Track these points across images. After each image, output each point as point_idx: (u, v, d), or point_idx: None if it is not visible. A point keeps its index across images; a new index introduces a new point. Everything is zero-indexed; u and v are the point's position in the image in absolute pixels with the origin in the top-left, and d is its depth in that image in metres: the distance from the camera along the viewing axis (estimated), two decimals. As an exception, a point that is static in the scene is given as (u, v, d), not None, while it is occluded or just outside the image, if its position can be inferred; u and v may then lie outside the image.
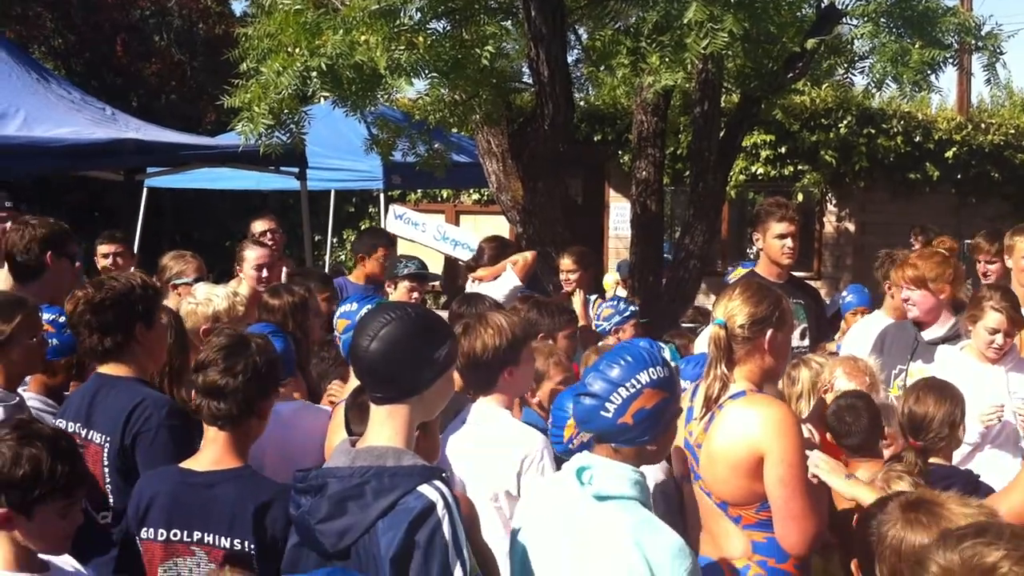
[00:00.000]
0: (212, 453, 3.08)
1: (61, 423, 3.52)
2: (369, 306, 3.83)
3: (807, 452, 3.33)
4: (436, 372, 2.58)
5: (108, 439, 3.43)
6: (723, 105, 8.09)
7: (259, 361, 3.10)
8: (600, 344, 5.29)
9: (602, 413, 2.77)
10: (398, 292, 6.58)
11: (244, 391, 3.04)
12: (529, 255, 6.98)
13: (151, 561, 3.04)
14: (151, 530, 3.04)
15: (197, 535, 2.99)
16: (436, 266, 9.83)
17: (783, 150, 12.62)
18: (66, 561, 2.77)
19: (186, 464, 3.12)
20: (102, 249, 6.70)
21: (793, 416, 3.32)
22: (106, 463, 3.45)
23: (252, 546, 2.95)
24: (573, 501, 2.78)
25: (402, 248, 13.06)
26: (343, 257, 15.15)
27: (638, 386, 2.77)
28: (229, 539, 2.96)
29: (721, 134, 7.79)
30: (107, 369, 3.64)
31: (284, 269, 6.73)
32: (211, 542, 2.98)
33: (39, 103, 7.68)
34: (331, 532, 2.48)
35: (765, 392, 3.43)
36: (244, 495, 2.99)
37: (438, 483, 2.48)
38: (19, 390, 3.97)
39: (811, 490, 3.25)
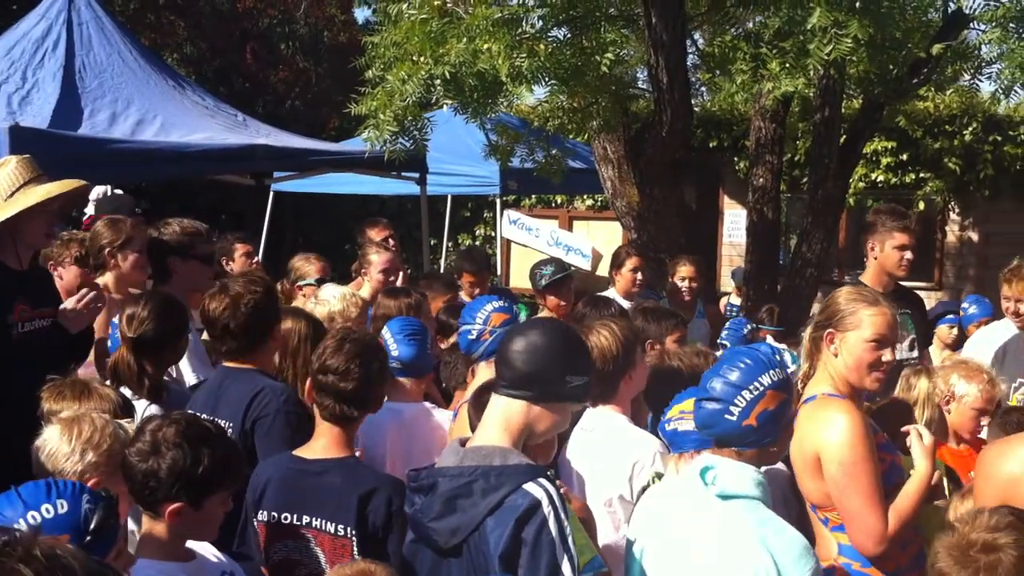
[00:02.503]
0: (322, 443, 3.22)
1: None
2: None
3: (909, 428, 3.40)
4: (562, 394, 2.66)
5: (231, 425, 3.62)
6: (844, 111, 7.99)
7: (375, 365, 3.25)
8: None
9: (726, 417, 2.81)
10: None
11: (361, 392, 3.19)
12: None
13: (265, 542, 3.20)
14: (265, 513, 3.20)
15: (306, 519, 3.13)
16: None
17: (904, 157, 12.33)
18: (207, 549, 2.91)
19: (298, 452, 3.27)
20: (242, 249, 6.93)
21: (854, 417, 3.32)
22: None
23: (354, 532, 3.07)
24: (697, 501, 2.82)
25: (515, 253, 13.27)
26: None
27: (761, 388, 2.81)
28: (334, 524, 3.09)
29: (842, 140, 7.71)
30: (230, 363, 3.87)
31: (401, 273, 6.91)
32: (318, 526, 3.12)
33: (175, 109, 7.98)
34: (443, 530, 2.57)
35: (852, 398, 3.46)
36: (349, 483, 3.12)
37: (543, 481, 2.54)
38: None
39: (872, 490, 3.25)
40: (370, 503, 3.08)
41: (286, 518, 3.15)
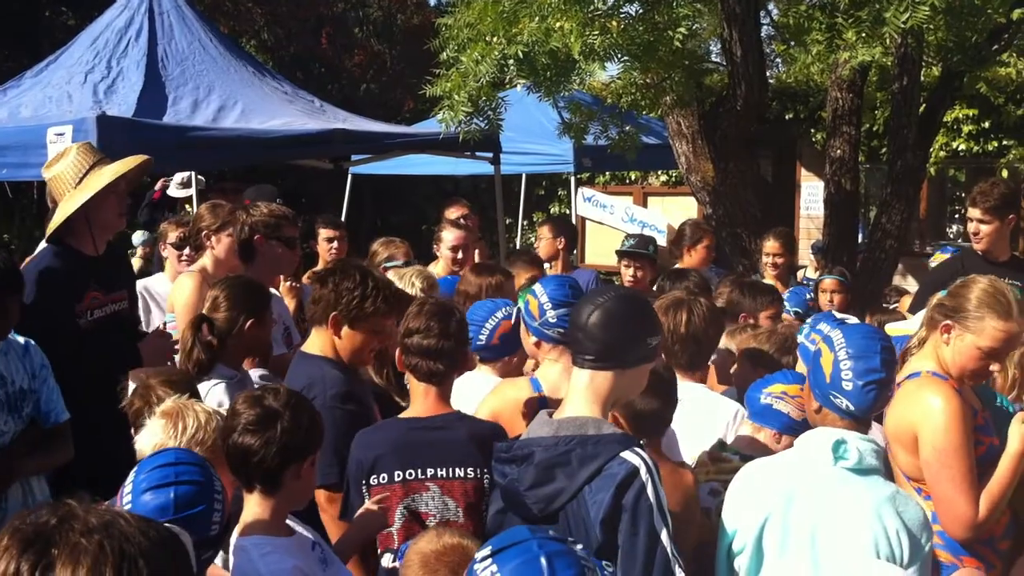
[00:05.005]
0: (426, 404, 3.44)
1: None
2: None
3: None
4: (642, 356, 2.74)
5: None
6: (923, 79, 7.86)
7: (453, 323, 3.47)
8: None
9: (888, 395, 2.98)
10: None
11: (445, 346, 3.40)
12: None
13: (387, 502, 3.31)
14: (384, 476, 3.33)
15: (431, 471, 3.31)
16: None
17: (986, 124, 12.05)
18: (297, 523, 2.98)
19: (405, 415, 3.48)
20: (324, 233, 7.11)
21: (953, 402, 3.31)
22: None
23: (487, 472, 3.25)
24: (824, 474, 2.83)
25: (590, 230, 13.29)
26: (532, 239, 15.44)
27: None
28: (463, 468, 3.30)
29: (921, 109, 7.59)
30: (306, 347, 3.95)
31: (478, 252, 7.02)
32: (444, 475, 3.30)
33: (255, 96, 8.12)
34: (540, 498, 2.65)
35: (959, 380, 3.44)
36: (472, 432, 3.36)
37: (638, 449, 2.61)
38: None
39: (964, 477, 3.24)
40: (491, 444, 3.23)
41: (411, 474, 3.32)
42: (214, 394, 3.91)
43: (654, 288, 6.19)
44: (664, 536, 2.54)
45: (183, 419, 3.05)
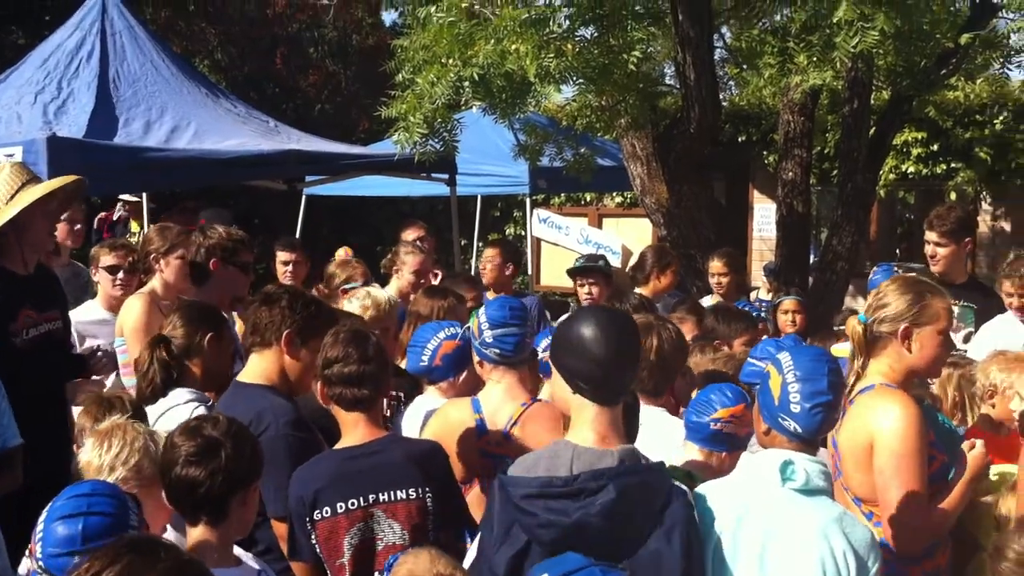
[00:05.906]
0: (359, 431, 3.36)
1: None
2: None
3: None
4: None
5: None
6: (873, 103, 7.97)
7: (370, 346, 3.39)
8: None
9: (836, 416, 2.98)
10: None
11: (365, 370, 3.33)
12: None
13: (334, 535, 3.26)
14: (327, 509, 3.26)
15: (372, 498, 3.27)
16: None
17: (935, 147, 12.26)
18: (244, 554, 2.96)
19: (339, 446, 3.40)
20: (282, 256, 7.05)
21: (912, 411, 3.31)
22: None
23: (428, 491, 3.26)
24: (771, 495, 2.83)
25: (545, 251, 13.31)
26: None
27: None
28: (404, 491, 3.27)
29: (871, 132, 7.69)
30: (243, 376, 3.85)
31: (439, 273, 7.01)
32: (386, 499, 3.27)
33: (208, 116, 8.08)
34: (620, 529, 2.55)
35: (905, 389, 3.44)
36: (408, 453, 3.34)
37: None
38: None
39: (916, 485, 3.24)
40: (433, 463, 3.30)
41: (353, 504, 3.27)
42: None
43: None
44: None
45: (110, 438, 3.04)
